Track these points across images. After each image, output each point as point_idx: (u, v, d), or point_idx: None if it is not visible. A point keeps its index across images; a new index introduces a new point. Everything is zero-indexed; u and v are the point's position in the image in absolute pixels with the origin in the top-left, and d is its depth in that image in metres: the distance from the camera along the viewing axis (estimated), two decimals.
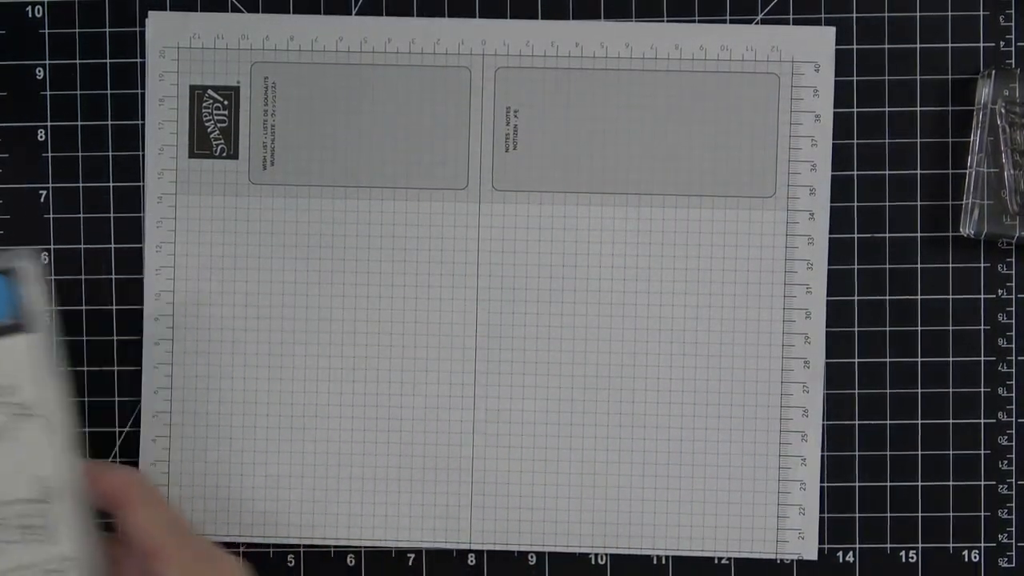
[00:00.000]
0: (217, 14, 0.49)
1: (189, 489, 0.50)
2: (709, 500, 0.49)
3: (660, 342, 0.49)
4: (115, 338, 0.50)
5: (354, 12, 0.49)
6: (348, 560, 0.50)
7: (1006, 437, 0.49)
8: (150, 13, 0.49)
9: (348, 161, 0.49)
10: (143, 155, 0.50)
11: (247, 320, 0.49)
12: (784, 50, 0.49)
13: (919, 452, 0.49)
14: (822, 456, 0.49)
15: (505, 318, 0.49)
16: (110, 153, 0.50)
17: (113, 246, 0.50)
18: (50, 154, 0.50)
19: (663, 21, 0.49)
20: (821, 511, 0.49)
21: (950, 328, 0.49)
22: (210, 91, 0.49)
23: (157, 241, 0.50)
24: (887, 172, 0.49)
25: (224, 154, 0.49)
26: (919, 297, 0.49)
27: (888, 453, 0.49)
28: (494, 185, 0.49)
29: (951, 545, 0.49)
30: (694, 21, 0.49)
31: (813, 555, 0.49)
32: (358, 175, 0.49)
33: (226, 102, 0.49)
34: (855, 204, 0.49)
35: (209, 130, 0.49)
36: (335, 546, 0.50)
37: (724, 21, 0.49)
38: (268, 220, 0.49)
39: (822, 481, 0.49)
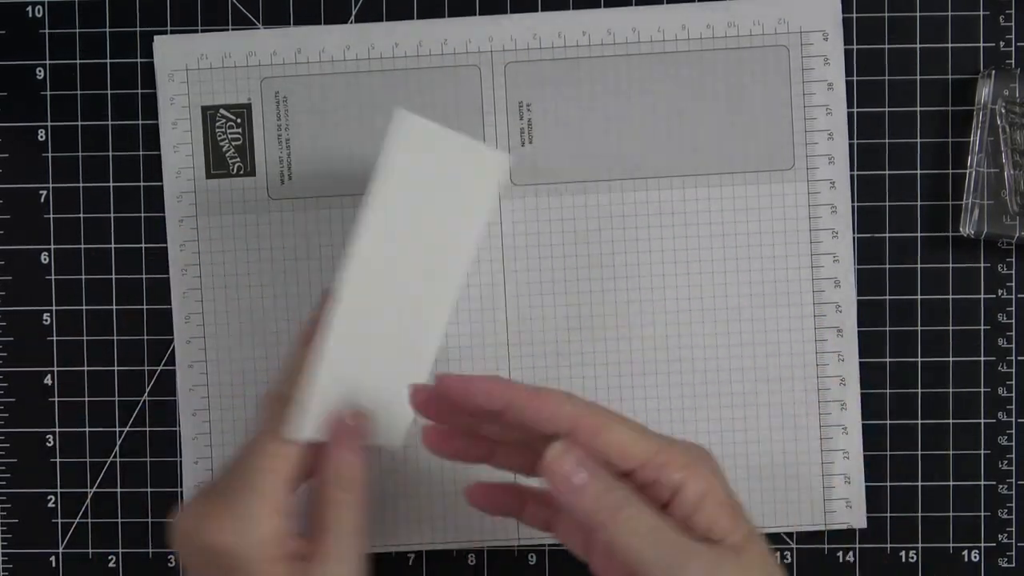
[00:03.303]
0: (223, 33, 0.49)
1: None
2: (753, 477, 0.49)
3: (691, 323, 0.49)
4: (115, 338, 0.50)
5: (353, 16, 0.49)
6: None
7: (1006, 437, 0.49)
8: (156, 38, 0.49)
9: (365, 169, 0.49)
10: (162, 178, 0.50)
11: (278, 335, 0.49)
12: (791, 21, 0.49)
13: (919, 452, 0.49)
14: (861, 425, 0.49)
15: (535, 311, 0.49)
16: (110, 153, 0.50)
17: (113, 246, 0.50)
18: (50, 154, 0.50)
19: (667, 3, 0.49)
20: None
21: (950, 328, 0.49)
22: (222, 110, 0.49)
23: (182, 264, 0.50)
24: (887, 172, 0.49)
25: (241, 172, 0.49)
26: (919, 297, 0.49)
27: (888, 453, 0.49)
28: (512, 180, 0.49)
29: (951, 545, 0.49)
30: (699, 0, 0.49)
31: (862, 523, 0.49)
32: None
33: (239, 120, 0.49)
34: (855, 204, 0.49)
35: (224, 149, 0.49)
36: None
37: None
38: (291, 234, 0.49)
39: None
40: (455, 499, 0.49)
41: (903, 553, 0.49)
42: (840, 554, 0.49)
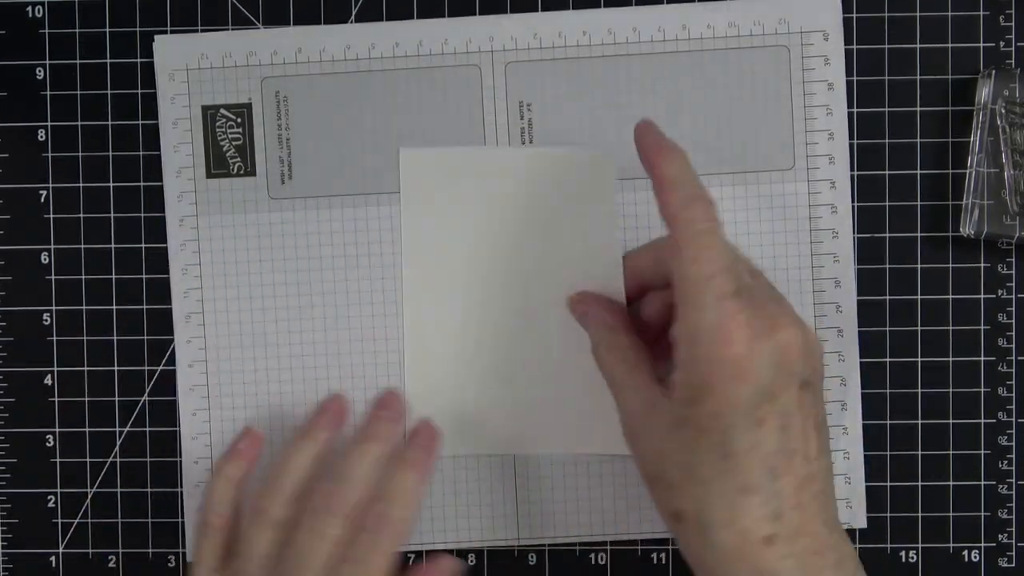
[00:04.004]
0: (223, 33, 0.49)
1: None
2: None
3: None
4: (115, 338, 0.50)
5: (353, 15, 0.49)
6: None
7: (1006, 437, 0.49)
8: (156, 38, 0.49)
9: (366, 169, 0.49)
10: (162, 178, 0.50)
11: (279, 335, 0.49)
12: (792, 21, 0.49)
13: (919, 452, 0.49)
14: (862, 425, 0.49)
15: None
16: (110, 153, 0.50)
17: (113, 246, 0.50)
18: (50, 154, 0.50)
19: (667, 3, 0.49)
20: None
21: (950, 328, 0.49)
22: (222, 110, 0.49)
23: (182, 264, 0.50)
24: (887, 172, 0.49)
25: (242, 172, 0.49)
26: (919, 297, 0.49)
27: (888, 453, 0.49)
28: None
29: (951, 545, 0.49)
30: (700, 0, 0.49)
31: (863, 523, 0.49)
32: (377, 182, 0.49)
33: (239, 120, 0.49)
34: (855, 204, 0.49)
35: (225, 149, 0.49)
36: None
37: None
38: (291, 234, 0.49)
39: None
40: (455, 499, 0.49)
41: (903, 553, 0.49)
42: None
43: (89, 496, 0.50)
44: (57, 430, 0.50)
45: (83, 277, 0.50)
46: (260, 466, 0.47)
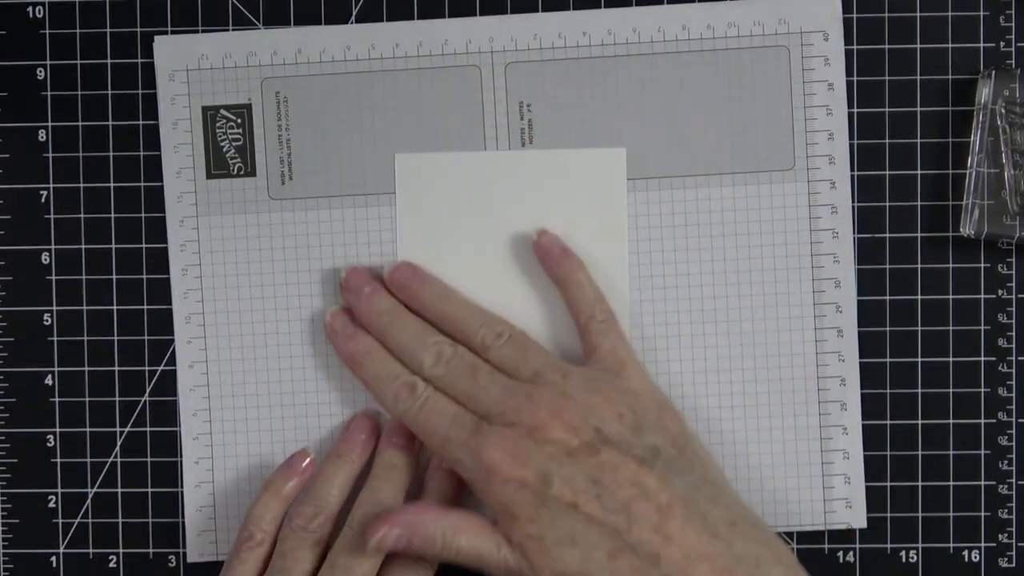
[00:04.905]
0: (224, 33, 0.49)
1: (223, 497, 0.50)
2: (753, 476, 0.49)
3: (691, 323, 0.49)
4: (115, 338, 0.50)
5: (353, 16, 0.49)
6: None
7: (1006, 437, 0.49)
8: (156, 38, 0.49)
9: (366, 169, 0.49)
10: (162, 178, 0.50)
11: (279, 336, 0.49)
12: (792, 22, 0.49)
13: (919, 452, 0.49)
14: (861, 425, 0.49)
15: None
16: (111, 153, 0.50)
17: (113, 246, 0.50)
18: (50, 154, 0.50)
19: (667, 3, 0.49)
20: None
21: (950, 328, 0.49)
22: (222, 111, 0.49)
23: (183, 264, 0.50)
24: (887, 172, 0.49)
25: (242, 172, 0.49)
26: (919, 297, 0.49)
27: (888, 453, 0.49)
28: None
29: (951, 545, 0.49)
30: (700, 0, 0.49)
31: (862, 523, 0.49)
32: (377, 182, 0.49)
33: (239, 120, 0.49)
34: (855, 204, 0.49)
35: (225, 150, 0.49)
36: None
37: None
38: (291, 234, 0.49)
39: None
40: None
41: (903, 553, 0.49)
42: (840, 554, 0.49)
43: (89, 496, 0.50)
44: (57, 430, 0.50)
45: (83, 277, 0.50)
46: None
